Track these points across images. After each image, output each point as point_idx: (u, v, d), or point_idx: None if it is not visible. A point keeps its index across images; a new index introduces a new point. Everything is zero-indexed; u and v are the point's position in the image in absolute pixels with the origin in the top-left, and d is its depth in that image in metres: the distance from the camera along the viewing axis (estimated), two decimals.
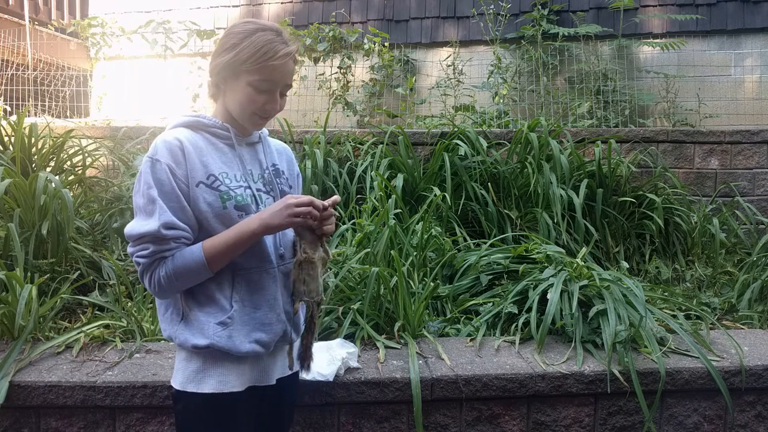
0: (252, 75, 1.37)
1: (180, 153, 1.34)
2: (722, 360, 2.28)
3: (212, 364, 1.39)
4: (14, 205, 2.87)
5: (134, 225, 1.33)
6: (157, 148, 1.35)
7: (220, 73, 1.40)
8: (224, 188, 1.37)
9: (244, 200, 1.39)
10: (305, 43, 5.31)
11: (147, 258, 1.32)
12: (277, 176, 1.52)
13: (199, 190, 1.35)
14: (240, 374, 1.41)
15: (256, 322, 1.41)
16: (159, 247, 1.31)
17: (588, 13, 5.43)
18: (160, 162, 1.32)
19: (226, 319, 1.37)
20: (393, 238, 2.87)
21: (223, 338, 1.36)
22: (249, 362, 1.43)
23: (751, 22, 5.16)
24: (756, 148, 4.19)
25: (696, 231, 3.71)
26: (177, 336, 1.39)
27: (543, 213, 3.37)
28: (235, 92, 1.39)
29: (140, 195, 1.34)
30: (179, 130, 1.40)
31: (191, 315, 1.39)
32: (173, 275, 1.32)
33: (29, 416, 2.02)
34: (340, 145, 4.02)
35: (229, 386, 1.39)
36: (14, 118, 3.61)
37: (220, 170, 1.39)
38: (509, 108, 4.98)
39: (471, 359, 2.22)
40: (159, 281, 1.33)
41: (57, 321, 2.49)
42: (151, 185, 1.32)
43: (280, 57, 1.36)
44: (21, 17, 6.43)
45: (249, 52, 1.35)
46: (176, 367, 1.43)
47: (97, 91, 6.03)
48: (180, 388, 1.40)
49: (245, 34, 1.37)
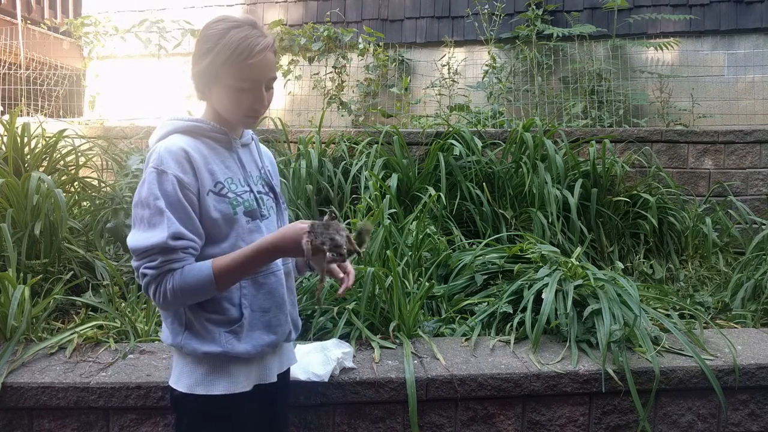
0: (232, 77, 1.33)
1: (187, 163, 1.32)
2: (716, 359, 2.29)
3: (221, 367, 1.38)
4: (6, 205, 2.85)
5: (138, 238, 1.30)
6: (162, 158, 1.31)
7: (202, 79, 1.37)
8: (232, 195, 1.37)
9: (251, 205, 1.39)
10: (300, 42, 5.30)
11: (155, 269, 1.29)
12: (271, 177, 1.54)
13: (209, 198, 1.33)
14: (248, 374, 1.42)
15: (265, 324, 1.42)
16: (167, 258, 1.29)
17: (582, 13, 5.45)
18: (166, 173, 1.29)
19: (237, 327, 1.37)
20: (388, 238, 2.87)
21: (236, 345, 1.36)
22: (256, 361, 1.44)
23: (744, 23, 5.19)
24: (749, 148, 4.21)
25: (689, 231, 3.73)
26: (184, 345, 1.37)
27: (538, 213, 3.38)
28: (220, 96, 1.37)
29: (145, 206, 1.30)
30: (179, 137, 1.36)
31: (197, 323, 1.37)
32: (179, 290, 1.29)
33: (22, 418, 2.00)
34: (335, 145, 4.01)
35: (239, 387, 1.39)
36: (6, 117, 3.58)
37: (226, 176, 1.38)
38: (504, 108, 4.98)
39: (466, 359, 2.22)
40: (165, 294, 1.29)
41: (50, 322, 2.47)
42: (158, 196, 1.29)
43: (258, 53, 1.32)
44: (13, 16, 6.40)
45: (225, 54, 1.31)
46: (180, 371, 1.41)
47: (90, 91, 6.00)
48: (187, 391, 1.38)
49: (218, 36, 1.32)
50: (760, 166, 4.20)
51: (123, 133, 4.06)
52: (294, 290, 1.54)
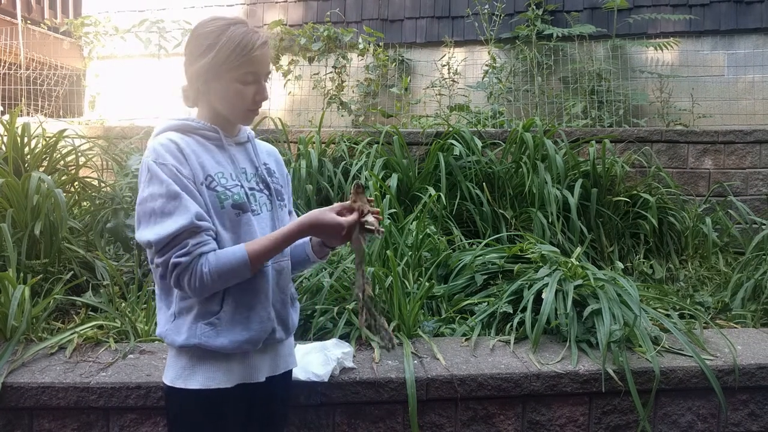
0: (236, 71, 1.37)
1: (180, 155, 1.34)
2: (716, 359, 2.29)
3: (198, 361, 1.39)
4: (7, 206, 2.85)
5: (158, 229, 1.29)
6: (158, 152, 1.33)
7: (201, 77, 1.39)
8: (221, 188, 1.38)
9: (241, 198, 1.40)
10: (300, 42, 5.30)
11: (187, 256, 1.29)
12: (269, 175, 1.53)
13: (202, 189, 1.36)
14: (228, 371, 1.41)
15: (247, 321, 1.41)
16: (197, 240, 1.30)
17: (582, 13, 5.45)
18: (165, 165, 1.31)
19: (215, 319, 1.37)
20: (388, 238, 2.87)
21: (211, 337, 1.36)
22: (237, 359, 1.43)
23: (744, 23, 5.19)
24: (749, 148, 4.21)
25: (689, 231, 3.73)
26: (167, 335, 1.40)
27: (538, 213, 3.38)
28: (221, 92, 1.39)
29: (155, 198, 1.30)
30: (170, 133, 1.39)
31: (182, 313, 1.38)
32: (216, 274, 1.30)
33: (22, 418, 2.00)
34: (335, 145, 4.01)
35: (216, 382, 1.39)
36: (7, 117, 3.58)
37: (216, 170, 1.40)
38: (504, 108, 4.98)
39: (466, 359, 2.22)
40: (201, 278, 1.30)
41: (50, 322, 2.47)
42: (168, 183, 1.30)
43: (259, 47, 1.37)
44: (13, 16, 6.40)
45: (228, 49, 1.35)
46: (167, 364, 1.44)
47: (90, 91, 6.00)
48: (170, 384, 1.40)
49: (218, 32, 1.37)
50: (760, 166, 4.21)
51: (123, 133, 4.06)
52: (286, 288, 1.52)
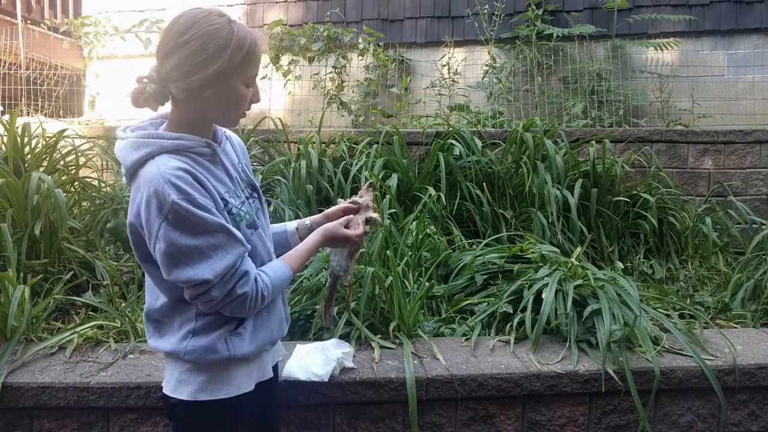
0: (245, 72, 1.29)
1: (198, 184, 1.24)
2: (716, 359, 2.29)
3: (224, 370, 1.35)
4: (6, 206, 2.85)
5: (212, 265, 1.22)
6: (177, 187, 1.20)
7: (209, 80, 1.25)
8: (235, 210, 1.33)
9: (251, 217, 1.37)
10: (300, 42, 5.30)
11: (249, 283, 1.29)
12: (249, 172, 1.49)
13: (224, 215, 1.30)
14: (249, 374, 1.41)
15: (268, 323, 1.42)
16: (246, 265, 1.30)
17: (582, 13, 5.44)
18: (193, 199, 1.21)
19: (241, 329, 1.35)
20: (388, 238, 2.87)
21: (241, 347, 1.35)
22: (255, 360, 1.44)
23: (744, 23, 5.18)
24: (749, 148, 4.21)
25: (689, 231, 3.73)
26: (189, 352, 1.31)
27: (538, 213, 3.38)
28: (223, 96, 1.28)
29: (197, 237, 1.21)
30: (168, 159, 1.24)
31: (202, 328, 1.33)
32: (270, 294, 1.34)
33: (22, 418, 2.00)
34: (335, 145, 4.01)
35: (243, 388, 1.39)
36: (7, 117, 3.58)
37: (223, 190, 1.33)
38: (504, 108, 4.98)
39: (466, 359, 2.22)
40: (263, 300, 1.32)
41: (50, 322, 2.47)
42: (205, 217, 1.22)
43: (262, 45, 1.31)
44: (13, 16, 6.40)
45: (243, 51, 1.26)
46: (177, 378, 1.35)
47: (90, 91, 6.00)
48: (190, 399, 1.33)
49: (226, 33, 1.25)
50: (760, 166, 4.21)
51: None
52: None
